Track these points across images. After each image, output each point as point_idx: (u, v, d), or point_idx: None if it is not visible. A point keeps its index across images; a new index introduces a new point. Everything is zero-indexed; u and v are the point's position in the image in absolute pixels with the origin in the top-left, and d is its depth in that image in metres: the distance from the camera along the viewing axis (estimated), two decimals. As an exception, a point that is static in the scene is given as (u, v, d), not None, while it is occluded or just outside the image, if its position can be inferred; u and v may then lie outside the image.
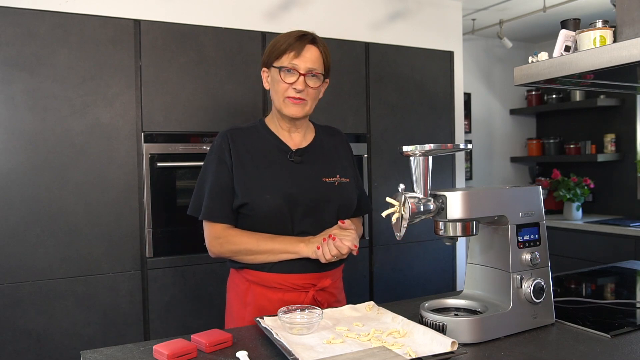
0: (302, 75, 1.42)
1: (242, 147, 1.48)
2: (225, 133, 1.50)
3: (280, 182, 1.44)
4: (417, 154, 1.21)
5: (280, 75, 1.43)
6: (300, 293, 1.44)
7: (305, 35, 1.45)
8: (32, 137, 2.03)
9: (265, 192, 1.42)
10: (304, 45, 1.43)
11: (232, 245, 1.43)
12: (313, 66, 1.43)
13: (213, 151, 1.49)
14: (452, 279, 2.98)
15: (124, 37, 2.18)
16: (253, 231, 1.44)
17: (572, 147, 3.97)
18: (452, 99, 2.99)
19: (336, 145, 1.60)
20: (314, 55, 1.44)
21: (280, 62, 1.44)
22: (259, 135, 1.51)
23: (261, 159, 1.47)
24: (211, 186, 1.45)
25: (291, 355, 1.04)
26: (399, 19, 2.93)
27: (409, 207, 1.18)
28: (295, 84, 1.42)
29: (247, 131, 1.52)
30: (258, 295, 1.45)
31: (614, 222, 3.39)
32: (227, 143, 1.47)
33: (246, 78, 2.41)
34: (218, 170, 1.46)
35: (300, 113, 1.46)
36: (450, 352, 1.04)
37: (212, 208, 1.45)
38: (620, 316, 1.36)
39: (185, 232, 2.29)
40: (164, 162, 2.24)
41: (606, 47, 1.25)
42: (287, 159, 1.48)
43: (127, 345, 1.18)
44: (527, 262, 1.25)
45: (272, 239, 1.41)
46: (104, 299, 2.14)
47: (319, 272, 1.46)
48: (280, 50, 1.43)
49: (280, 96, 1.45)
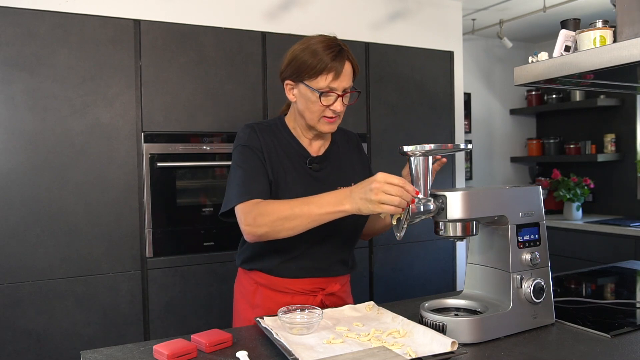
0: (340, 97, 1.36)
1: (269, 143, 1.43)
2: (252, 125, 1.45)
3: (297, 188, 1.41)
4: (417, 154, 1.21)
5: (319, 98, 1.35)
6: (308, 297, 1.44)
7: (341, 52, 1.35)
8: (32, 137, 2.03)
9: (282, 195, 1.39)
10: (343, 65, 1.35)
11: (265, 216, 1.25)
12: (349, 84, 1.38)
13: (240, 143, 1.41)
14: (452, 279, 2.98)
15: (124, 37, 2.17)
16: None
17: (572, 147, 3.97)
18: (452, 99, 2.98)
19: (351, 150, 1.57)
20: (349, 72, 1.38)
21: (316, 84, 1.35)
22: (281, 136, 1.47)
23: (283, 160, 1.43)
24: (242, 173, 1.36)
25: (291, 355, 1.04)
26: (399, 19, 2.93)
27: (408, 208, 1.18)
28: (334, 106, 1.36)
29: (269, 128, 1.47)
30: (266, 297, 1.44)
31: (613, 222, 3.39)
32: (256, 134, 1.42)
33: (246, 78, 2.41)
34: (248, 158, 1.37)
35: (334, 129, 1.43)
36: (450, 352, 1.04)
37: (242, 192, 1.33)
38: (620, 316, 1.36)
39: (185, 232, 2.29)
40: (164, 162, 2.24)
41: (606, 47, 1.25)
42: (305, 164, 1.45)
43: (127, 345, 1.18)
44: (527, 262, 1.25)
45: (308, 201, 1.23)
46: (104, 299, 2.14)
47: (327, 276, 1.46)
48: (316, 69, 1.33)
49: (315, 116, 1.39)
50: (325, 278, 1.46)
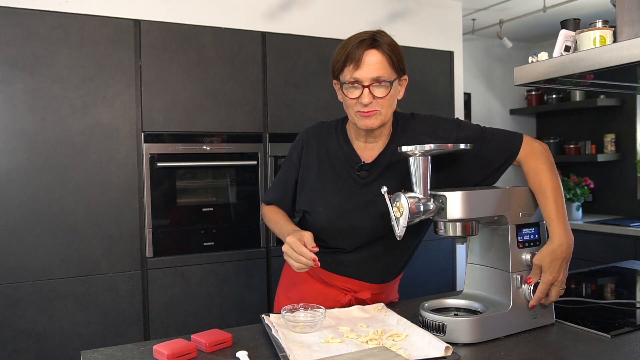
0: (365, 88, 1.28)
1: (314, 151, 1.45)
2: (305, 133, 1.51)
3: (338, 197, 1.40)
4: (416, 154, 1.21)
5: (343, 91, 1.32)
6: (339, 292, 1.48)
7: (364, 41, 1.28)
8: (32, 137, 2.03)
9: (320, 204, 1.42)
10: (362, 52, 1.27)
11: (264, 218, 1.58)
12: (377, 74, 1.27)
13: (291, 147, 1.54)
14: (452, 279, 2.98)
15: (124, 37, 2.17)
16: (314, 237, 1.35)
17: (572, 147, 3.97)
18: (452, 99, 2.98)
19: (413, 143, 1.39)
20: (376, 61, 1.27)
21: (343, 77, 1.31)
22: (334, 141, 1.44)
23: (327, 169, 1.42)
24: (277, 177, 1.57)
25: (282, 351, 1.04)
26: (399, 19, 2.93)
27: (408, 207, 1.18)
28: (361, 98, 1.28)
29: (326, 132, 1.47)
30: (303, 280, 1.51)
31: (614, 222, 3.39)
32: (302, 145, 1.49)
33: (246, 78, 2.41)
34: (285, 166, 1.54)
35: (375, 124, 1.32)
36: (442, 357, 1.04)
37: (268, 193, 1.59)
38: (620, 316, 1.36)
39: (185, 232, 2.29)
40: (164, 162, 2.24)
41: (606, 47, 1.25)
42: (353, 172, 1.40)
43: (127, 345, 1.18)
44: (527, 262, 1.25)
45: (277, 223, 1.48)
46: (104, 299, 2.14)
47: (361, 280, 1.46)
48: (341, 62, 1.30)
49: (351, 110, 1.34)
50: (357, 281, 1.46)
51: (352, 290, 1.47)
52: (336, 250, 1.46)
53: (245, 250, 2.40)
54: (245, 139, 2.41)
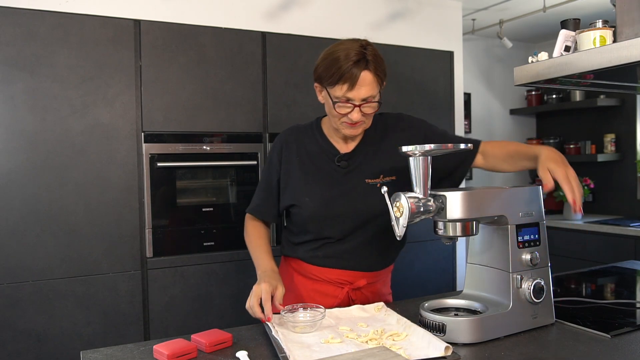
0: (356, 107, 1.35)
1: (293, 150, 1.52)
2: (283, 135, 1.56)
3: (321, 186, 1.46)
4: (416, 154, 1.21)
5: (333, 106, 1.37)
6: (336, 287, 1.49)
7: (359, 62, 1.32)
8: (32, 137, 2.03)
9: (305, 194, 1.46)
10: (358, 74, 1.32)
11: (245, 232, 1.59)
12: (368, 94, 1.35)
13: (270, 152, 1.58)
14: (452, 279, 2.98)
15: (124, 37, 2.17)
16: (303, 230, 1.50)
17: (572, 147, 3.97)
18: (452, 99, 2.98)
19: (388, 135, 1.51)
20: (368, 83, 1.34)
21: (333, 92, 1.35)
22: (311, 138, 1.53)
23: (308, 162, 1.50)
24: (258, 185, 1.60)
25: (282, 352, 1.04)
26: (399, 19, 2.93)
27: (408, 207, 1.18)
28: (351, 115, 1.36)
29: (303, 132, 1.55)
30: (298, 283, 1.53)
31: (613, 222, 3.39)
32: (280, 146, 1.53)
33: (246, 78, 2.41)
34: (266, 171, 1.57)
35: (359, 132, 1.44)
36: (442, 357, 1.04)
37: (252, 200, 1.60)
38: (620, 316, 1.36)
39: (185, 232, 2.29)
40: (164, 162, 2.24)
41: (606, 47, 1.25)
42: (333, 163, 1.48)
43: (127, 345, 1.18)
44: (527, 262, 1.25)
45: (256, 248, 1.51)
46: (104, 299, 2.14)
47: (354, 270, 1.49)
48: (333, 78, 1.33)
49: (336, 119, 1.41)
50: (351, 271, 1.49)
51: (347, 282, 1.49)
52: (325, 241, 1.48)
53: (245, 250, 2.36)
54: (245, 139, 2.41)
